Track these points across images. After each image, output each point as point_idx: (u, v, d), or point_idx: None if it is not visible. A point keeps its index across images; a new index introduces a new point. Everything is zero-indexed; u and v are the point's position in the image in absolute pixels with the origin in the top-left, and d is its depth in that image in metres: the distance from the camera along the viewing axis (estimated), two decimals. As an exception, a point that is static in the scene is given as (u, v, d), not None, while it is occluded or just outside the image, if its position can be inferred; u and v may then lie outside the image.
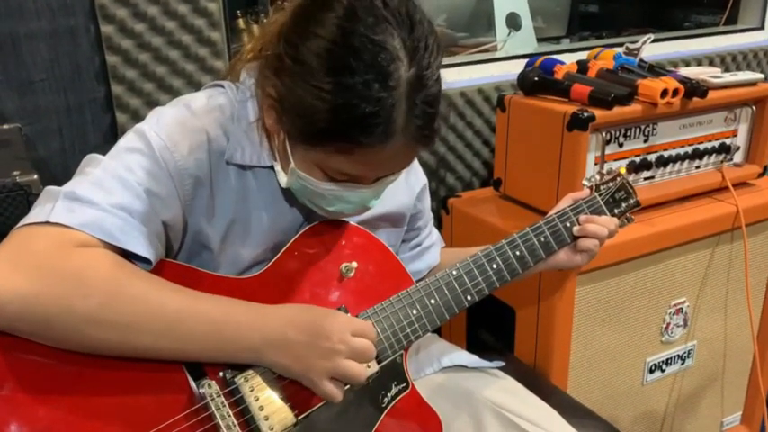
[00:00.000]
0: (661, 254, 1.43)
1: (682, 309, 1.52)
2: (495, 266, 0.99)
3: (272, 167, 0.90)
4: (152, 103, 1.36)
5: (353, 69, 0.73)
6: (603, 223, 1.05)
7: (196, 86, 1.39)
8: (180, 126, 0.85)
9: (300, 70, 0.76)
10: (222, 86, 0.93)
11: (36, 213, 0.75)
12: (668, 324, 1.52)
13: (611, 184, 1.11)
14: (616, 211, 1.10)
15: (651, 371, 1.53)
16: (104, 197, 0.76)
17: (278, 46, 0.79)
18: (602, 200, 1.09)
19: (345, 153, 0.78)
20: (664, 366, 1.55)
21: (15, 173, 1.01)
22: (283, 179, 0.88)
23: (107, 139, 1.36)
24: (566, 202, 1.08)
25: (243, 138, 0.88)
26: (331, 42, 0.74)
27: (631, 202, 1.12)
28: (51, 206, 0.75)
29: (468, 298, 0.97)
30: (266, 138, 0.89)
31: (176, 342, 0.76)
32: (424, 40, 0.77)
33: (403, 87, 0.75)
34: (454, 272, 0.96)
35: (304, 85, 0.75)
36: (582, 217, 1.06)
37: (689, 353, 1.58)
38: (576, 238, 1.05)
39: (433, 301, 0.94)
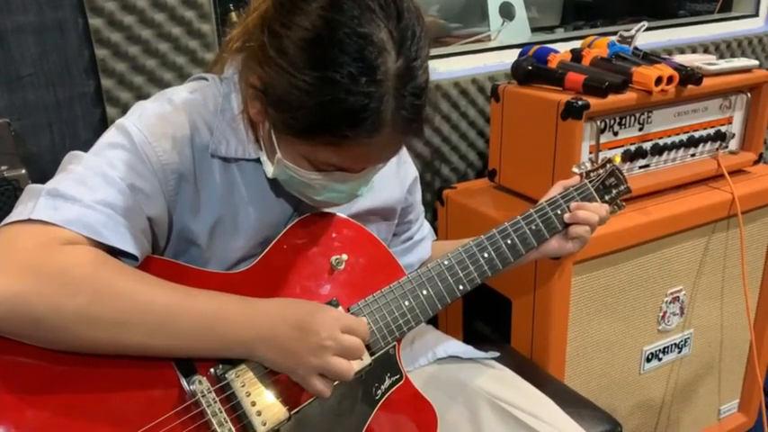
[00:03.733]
0: (657, 242, 1.43)
1: (678, 297, 1.52)
2: (486, 256, 0.98)
3: (257, 160, 0.89)
4: (142, 97, 1.35)
5: (339, 63, 0.71)
6: (594, 210, 1.04)
7: (186, 79, 1.37)
8: (162, 120, 0.84)
9: (284, 62, 0.74)
10: (206, 79, 0.91)
11: (19, 212, 0.74)
12: (665, 313, 1.51)
13: (601, 171, 1.11)
14: (607, 197, 1.10)
15: (648, 360, 1.53)
16: (87, 193, 0.75)
17: (261, 36, 0.77)
18: (593, 186, 1.08)
19: (333, 146, 0.76)
20: (661, 355, 1.55)
21: (3, 168, 1.00)
22: (270, 169, 0.86)
23: (97, 133, 1.32)
24: (556, 190, 1.08)
25: (227, 130, 0.87)
26: (315, 34, 0.72)
27: (622, 188, 1.12)
28: (33, 204, 0.73)
29: (461, 288, 0.96)
30: (251, 129, 0.88)
31: (167, 338, 0.76)
32: (411, 29, 0.75)
33: (390, 80, 0.73)
34: (446, 262, 0.96)
35: (288, 77, 0.73)
36: (573, 204, 1.05)
37: (686, 341, 1.58)
38: (567, 225, 1.05)
39: (425, 292, 0.93)
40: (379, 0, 0.74)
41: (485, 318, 1.58)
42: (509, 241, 1.00)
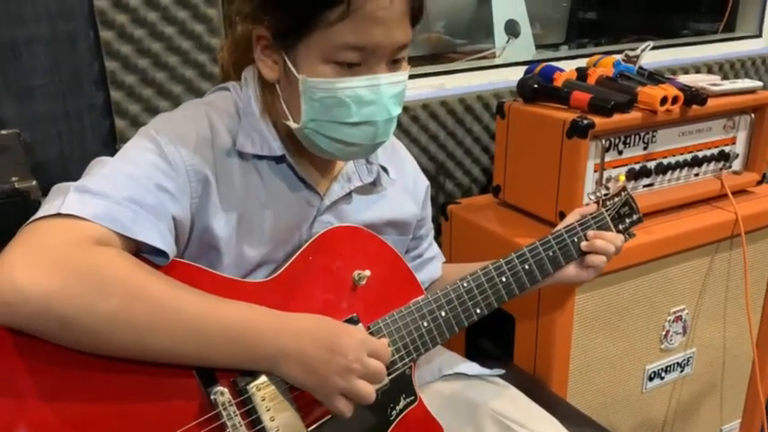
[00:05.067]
0: (660, 261, 1.43)
1: (681, 316, 1.52)
2: (504, 280, 0.99)
3: (278, 159, 0.90)
4: (151, 109, 1.36)
5: None
6: (611, 239, 1.05)
7: (196, 92, 1.38)
8: (184, 124, 0.86)
9: None
10: (228, 89, 0.94)
11: (47, 208, 0.74)
12: (667, 332, 1.51)
13: (616, 199, 1.11)
14: (621, 227, 1.11)
15: (650, 378, 1.53)
16: (115, 190, 0.76)
17: None
18: (609, 215, 1.09)
19: (342, 18, 0.79)
20: (663, 374, 1.55)
21: (14, 179, 1.00)
22: (294, 125, 0.87)
23: (106, 144, 1.36)
24: (573, 217, 1.09)
25: (251, 131, 0.89)
26: None
27: (635, 218, 1.13)
28: (62, 200, 0.74)
29: (478, 311, 0.97)
30: (272, 123, 0.90)
31: (194, 346, 0.76)
32: None
33: None
34: (465, 284, 0.96)
35: None
36: (590, 232, 1.06)
37: (688, 360, 1.58)
38: (583, 253, 1.05)
39: (443, 314, 0.94)
40: None
41: (488, 334, 1.58)
42: (527, 266, 1.01)
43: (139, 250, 0.78)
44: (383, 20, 0.81)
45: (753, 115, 1.53)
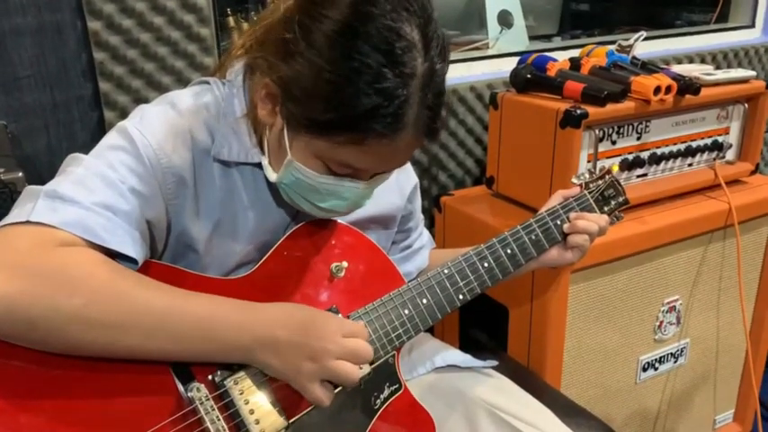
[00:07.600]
0: (654, 252, 1.43)
1: (675, 307, 1.52)
2: (486, 265, 0.98)
3: (258, 165, 0.88)
4: (140, 100, 1.34)
5: (369, 54, 0.71)
6: (594, 220, 1.04)
7: (185, 83, 1.36)
8: (164, 124, 0.83)
9: (313, 54, 0.73)
10: (209, 83, 0.91)
11: (17, 213, 0.73)
12: (661, 322, 1.51)
13: (600, 182, 1.11)
14: (606, 208, 1.10)
15: (644, 369, 1.53)
16: (87, 195, 0.75)
17: (285, 30, 0.77)
18: (592, 197, 1.08)
19: (355, 144, 0.75)
20: (657, 365, 1.55)
21: (0, 170, 0.99)
22: (272, 175, 0.86)
23: (94, 136, 1.34)
24: (556, 200, 1.08)
25: (230, 134, 0.87)
26: (346, 25, 0.72)
27: (620, 199, 1.12)
28: (32, 205, 0.73)
29: (461, 297, 0.95)
30: (255, 132, 0.87)
31: (164, 342, 0.74)
32: (438, 34, 0.76)
33: (417, 79, 0.74)
34: (446, 271, 0.95)
35: (316, 70, 0.73)
36: (572, 214, 1.05)
37: (682, 351, 1.58)
38: (566, 235, 1.05)
39: (425, 301, 0.93)
40: (410, 0, 0.74)
41: (481, 326, 1.57)
42: (509, 251, 1.00)
43: (111, 255, 0.76)
44: (390, 157, 0.80)
45: (746, 105, 1.53)
